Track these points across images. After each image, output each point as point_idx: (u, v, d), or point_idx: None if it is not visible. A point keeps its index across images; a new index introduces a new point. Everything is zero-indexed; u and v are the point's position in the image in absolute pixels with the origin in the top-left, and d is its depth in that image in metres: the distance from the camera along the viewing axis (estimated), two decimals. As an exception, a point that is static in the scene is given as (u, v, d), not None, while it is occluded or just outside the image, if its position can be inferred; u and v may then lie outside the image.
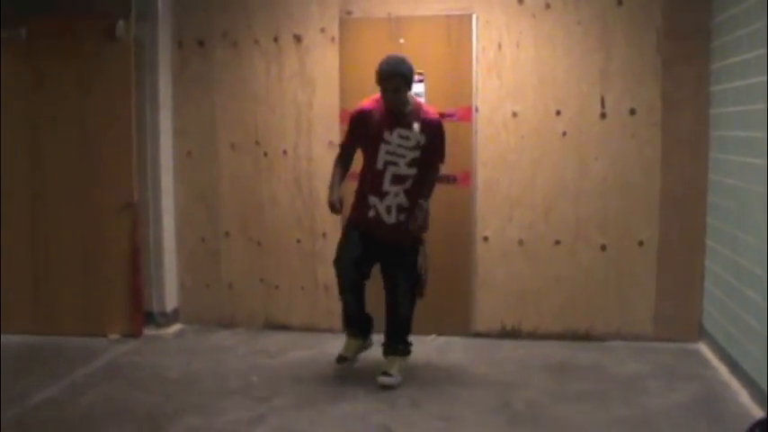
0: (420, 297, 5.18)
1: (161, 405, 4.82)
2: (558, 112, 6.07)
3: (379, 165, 5.00)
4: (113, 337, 6.28)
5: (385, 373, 5.14)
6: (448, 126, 5.52)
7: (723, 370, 5.46)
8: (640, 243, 6.11)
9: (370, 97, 5.14)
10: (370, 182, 5.07)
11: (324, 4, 6.29)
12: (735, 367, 5.26)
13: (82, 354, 5.86)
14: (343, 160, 5.21)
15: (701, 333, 6.08)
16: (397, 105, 4.99)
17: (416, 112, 5.04)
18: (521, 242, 6.10)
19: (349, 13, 6.28)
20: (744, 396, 4.95)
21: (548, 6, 6.06)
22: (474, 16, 6.14)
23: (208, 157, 6.56)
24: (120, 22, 6.09)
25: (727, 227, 5.53)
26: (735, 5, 5.35)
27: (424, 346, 5.21)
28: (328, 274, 6.29)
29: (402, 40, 6.18)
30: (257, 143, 6.48)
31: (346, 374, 5.34)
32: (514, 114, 6.10)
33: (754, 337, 4.87)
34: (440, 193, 5.52)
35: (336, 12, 6.28)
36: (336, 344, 5.97)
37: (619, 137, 6.07)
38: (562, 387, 5.20)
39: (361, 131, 5.05)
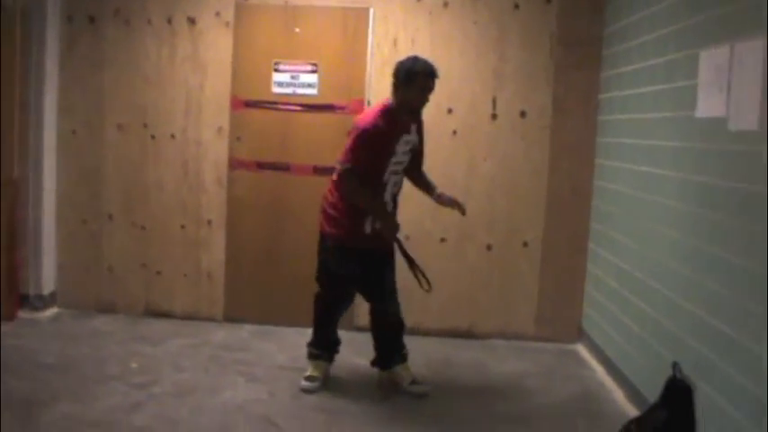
0: (430, 289, 5.11)
1: (36, 391, 4.79)
2: (450, 111, 6.30)
3: (385, 177, 4.90)
4: (-15, 318, 6.23)
5: (414, 382, 5.14)
6: (338, 119, 5.64)
7: (600, 370, 5.79)
8: (525, 244, 6.40)
9: (371, 112, 4.96)
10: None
11: (220, -12, 6.40)
12: (611, 368, 5.59)
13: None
14: (364, 184, 4.88)
15: (581, 334, 6.37)
16: (425, 105, 4.98)
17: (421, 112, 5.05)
18: (407, 238, 6.23)
19: (245, -2, 6.37)
20: (620, 395, 5.27)
21: (446, 5, 6.29)
22: (371, 10, 6.34)
23: (93, 137, 6.60)
24: (8, -9, 6.07)
25: (609, 231, 5.86)
26: (627, 17, 5.68)
27: (306, 339, 5.30)
28: (212, 262, 6.45)
29: (298, 30, 6.36)
30: (145, 125, 6.55)
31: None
32: (407, 110, 6.24)
33: (631, 338, 5.20)
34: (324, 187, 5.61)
35: (233, -4, 6.40)
36: (218, 333, 6.13)
37: (508, 138, 6.35)
38: (444, 383, 5.42)
39: (377, 151, 4.82)
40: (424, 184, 5.23)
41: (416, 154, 5.09)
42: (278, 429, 4.53)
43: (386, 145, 4.82)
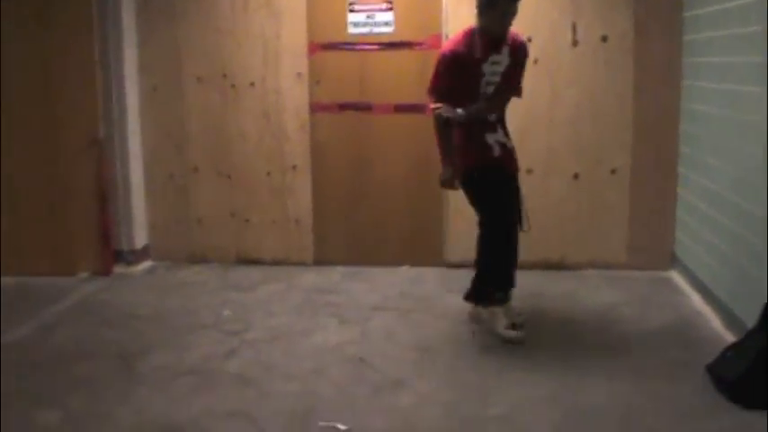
0: (529, 229, 5.06)
1: (131, 342, 4.92)
2: (530, 39, 6.15)
3: (480, 100, 4.84)
4: (83, 275, 6.42)
5: (512, 326, 4.99)
6: (416, 55, 5.57)
7: (696, 297, 5.68)
8: (613, 171, 6.30)
9: (453, 37, 5.00)
10: (478, 121, 4.87)
11: (290, -66, 6.34)
12: (707, 294, 5.48)
13: (51, 293, 5.99)
14: (447, 117, 4.86)
15: (674, 261, 6.26)
16: (508, 30, 4.84)
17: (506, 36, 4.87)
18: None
19: (316, -59, 6.32)
20: (716, 322, 5.16)
21: (520, -69, 6.09)
22: (444, -58, 6.20)
23: (174, 91, 6.65)
24: (80, -48, 6.09)
25: (699, 154, 5.72)
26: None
27: (396, 278, 5.32)
28: (299, 208, 6.50)
29: (371, -31, 6.24)
30: (224, 76, 6.58)
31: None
32: (485, 42, 6.15)
33: (726, 263, 5.08)
34: (411, 122, 5.57)
35: (304, -59, 6.34)
36: (308, 277, 6.18)
37: (591, 64, 6.22)
38: (537, 316, 5.39)
39: (458, 74, 4.79)
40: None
41: (509, 78, 4.92)
42: (371, 369, 4.56)
43: (467, 67, 4.77)
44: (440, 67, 4.82)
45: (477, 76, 4.79)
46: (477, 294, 5.18)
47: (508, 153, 4.95)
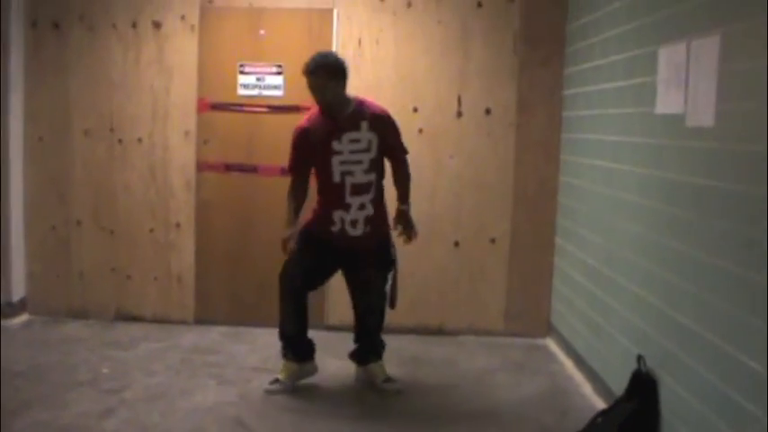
0: (393, 307, 5.14)
1: (6, 399, 4.73)
2: (416, 110, 6.35)
3: (336, 178, 4.84)
4: (-45, 327, 6.20)
5: (388, 380, 5.18)
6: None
7: (569, 364, 5.86)
8: (492, 240, 6.45)
9: (309, 113, 5.06)
10: (331, 196, 4.92)
11: (184, -8, 6.40)
12: (580, 362, 5.65)
13: None
14: (295, 188, 5.02)
15: (550, 329, 6.43)
16: (331, 105, 4.83)
17: (361, 110, 4.86)
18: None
19: (210, 1, 6.41)
20: (588, 389, 5.33)
21: (409, 5, 6.33)
22: (335, 11, 6.38)
23: (60, 142, 6.57)
24: (-31, -2, 6.03)
25: (575, 226, 5.92)
26: (588, 14, 5.73)
27: (276, 339, 5.31)
28: (182, 265, 6.46)
29: (263, 32, 6.37)
30: (112, 130, 6.54)
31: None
32: (373, 110, 6.26)
33: (598, 332, 5.27)
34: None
35: (197, 0, 6.37)
36: (189, 336, 6.14)
37: (474, 136, 6.40)
38: (414, 380, 5.47)
39: (307, 150, 4.88)
40: (398, 189, 5.13)
41: (382, 154, 4.98)
42: (249, 431, 4.54)
43: (317, 144, 4.83)
44: (292, 142, 4.94)
45: (326, 153, 4.84)
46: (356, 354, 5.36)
47: (345, 235, 4.99)
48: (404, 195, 5.07)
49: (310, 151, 4.88)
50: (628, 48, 4.86)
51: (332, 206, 4.92)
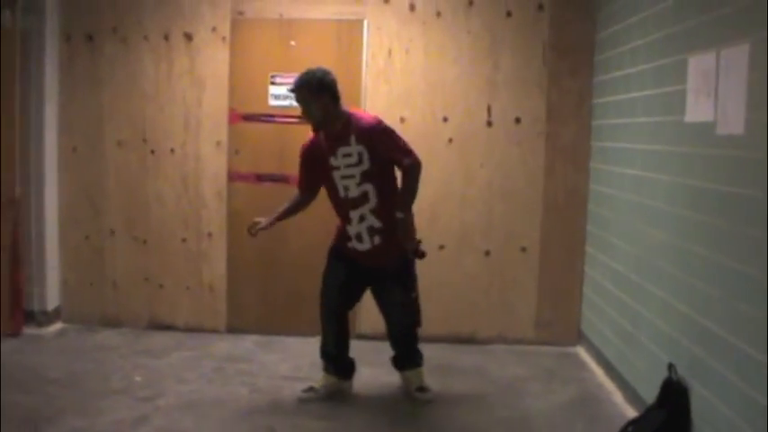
0: (419, 325, 5.21)
1: (41, 406, 4.80)
2: (446, 119, 6.35)
3: (341, 192, 4.88)
4: (-9, 335, 6.28)
5: (421, 389, 5.20)
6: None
7: (599, 372, 5.84)
8: (523, 249, 6.45)
9: None
10: (341, 211, 4.98)
11: (215, 4, 6.48)
12: (610, 370, 5.63)
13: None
14: (298, 197, 5.19)
15: (580, 337, 6.41)
16: (319, 122, 4.82)
17: (349, 123, 4.80)
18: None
19: (241, 13, 6.46)
20: (618, 397, 5.31)
21: (438, 15, 6.34)
22: (365, 22, 6.41)
23: (94, 153, 6.66)
24: (6, 12, 6.13)
25: (605, 234, 5.90)
26: (618, 23, 5.72)
27: (310, 348, 5.35)
28: (213, 274, 6.51)
29: (293, 43, 6.41)
30: (144, 141, 6.61)
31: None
32: (402, 120, 6.34)
33: (629, 340, 5.25)
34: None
35: (228, 11, 6.47)
36: (221, 344, 6.18)
37: (504, 145, 6.40)
38: (445, 389, 5.46)
39: (311, 168, 4.98)
40: (388, 207, 4.90)
41: (376, 164, 4.85)
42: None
43: (319, 160, 4.90)
44: (299, 161, 5.08)
45: (327, 170, 4.89)
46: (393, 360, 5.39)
47: (356, 250, 5.04)
48: (399, 203, 4.79)
49: (315, 168, 4.95)
50: (657, 56, 4.86)
51: (343, 221, 5.01)
